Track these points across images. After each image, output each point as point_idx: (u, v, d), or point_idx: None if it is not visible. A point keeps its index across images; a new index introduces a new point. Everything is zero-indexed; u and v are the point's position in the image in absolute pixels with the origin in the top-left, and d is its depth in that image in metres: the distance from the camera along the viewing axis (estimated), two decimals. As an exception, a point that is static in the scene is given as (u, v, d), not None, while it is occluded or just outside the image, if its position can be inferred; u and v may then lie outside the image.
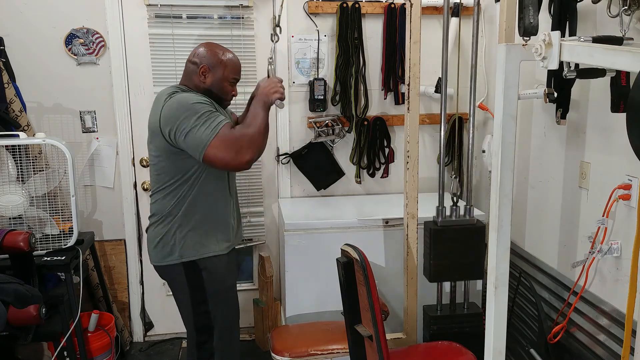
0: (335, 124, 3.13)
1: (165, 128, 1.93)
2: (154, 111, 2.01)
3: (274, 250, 3.30)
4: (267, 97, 2.03)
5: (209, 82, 2.07)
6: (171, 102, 1.95)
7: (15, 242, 2.23)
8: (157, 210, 2.09)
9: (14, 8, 2.83)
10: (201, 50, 2.09)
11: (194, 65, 2.08)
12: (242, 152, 1.90)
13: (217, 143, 1.88)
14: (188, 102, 1.93)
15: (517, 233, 2.73)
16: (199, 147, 1.89)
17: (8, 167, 2.54)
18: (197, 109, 1.91)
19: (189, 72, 2.09)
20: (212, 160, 1.91)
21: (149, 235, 2.14)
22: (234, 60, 2.12)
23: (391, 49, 3.07)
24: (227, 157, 1.90)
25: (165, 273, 2.15)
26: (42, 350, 2.99)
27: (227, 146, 1.89)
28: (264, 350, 3.13)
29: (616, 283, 1.98)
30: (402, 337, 2.62)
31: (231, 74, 2.10)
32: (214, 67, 2.06)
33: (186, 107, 1.91)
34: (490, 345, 1.73)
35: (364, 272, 1.86)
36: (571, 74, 1.61)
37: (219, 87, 2.09)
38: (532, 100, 2.53)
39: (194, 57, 2.09)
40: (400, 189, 3.17)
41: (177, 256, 2.05)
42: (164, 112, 1.94)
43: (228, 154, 1.89)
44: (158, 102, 2.01)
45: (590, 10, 2.03)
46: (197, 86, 2.08)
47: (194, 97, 1.96)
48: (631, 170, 1.88)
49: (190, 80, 2.09)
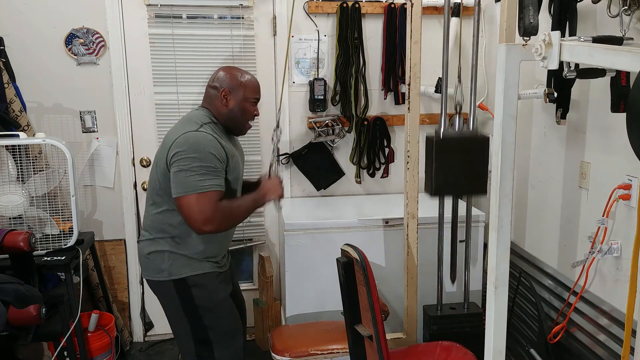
0: (335, 124, 3.13)
1: (172, 151, 1.93)
2: (176, 129, 2.00)
3: (274, 250, 3.30)
4: (268, 197, 2.12)
5: (231, 104, 2.08)
6: (195, 136, 1.93)
7: (15, 242, 2.23)
8: (150, 226, 2.07)
9: (14, 8, 2.83)
10: (221, 75, 2.10)
11: (214, 90, 2.09)
12: (210, 222, 1.90)
13: (197, 199, 1.88)
14: (207, 148, 1.92)
15: (517, 233, 2.73)
16: (180, 188, 1.89)
17: (8, 167, 2.54)
18: (208, 159, 1.91)
19: (211, 96, 2.10)
20: (181, 208, 1.91)
21: (140, 248, 2.11)
22: (252, 80, 2.14)
23: (391, 49, 3.07)
24: (194, 217, 1.89)
25: (155, 288, 2.12)
26: (42, 350, 2.99)
27: (202, 208, 1.88)
28: (264, 350, 3.13)
29: (616, 283, 1.98)
30: (402, 337, 2.62)
31: (251, 94, 2.12)
32: (234, 90, 2.08)
33: (200, 150, 1.91)
34: (490, 345, 1.73)
35: (364, 272, 1.86)
36: (571, 74, 1.61)
37: (240, 109, 2.10)
38: (532, 100, 2.53)
39: (213, 82, 2.10)
40: (400, 189, 3.18)
41: (167, 274, 2.02)
42: (181, 139, 1.93)
43: (198, 215, 1.88)
44: (184, 126, 1.99)
45: (590, 10, 2.03)
46: (218, 110, 2.08)
47: (215, 148, 1.94)
48: (631, 170, 1.88)
49: (212, 103, 2.10)
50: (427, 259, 2.63)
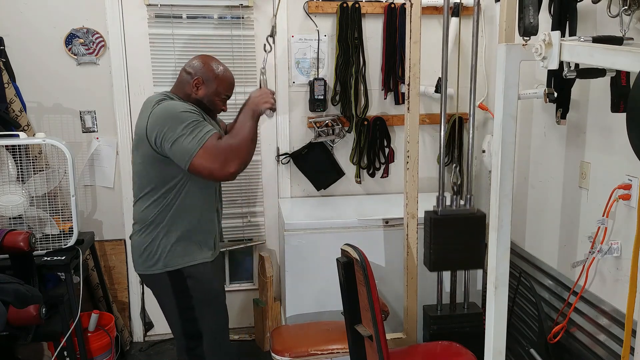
0: (335, 124, 3.13)
1: (151, 135, 1.91)
2: (141, 117, 1.99)
3: (274, 250, 3.30)
4: (257, 107, 2.02)
5: (200, 94, 2.05)
6: (159, 109, 1.93)
7: (15, 242, 2.23)
8: (140, 218, 2.05)
9: (14, 8, 2.83)
10: (197, 63, 2.07)
11: (188, 75, 2.06)
12: (228, 163, 1.88)
13: (203, 153, 1.86)
14: (176, 110, 1.91)
15: (517, 233, 2.73)
16: (185, 156, 1.87)
17: (8, 167, 2.54)
18: (184, 117, 1.89)
19: (182, 81, 2.08)
20: (198, 170, 1.89)
21: (133, 243, 2.10)
22: (228, 76, 2.11)
23: (391, 49, 3.07)
24: (213, 168, 1.88)
25: (150, 282, 2.11)
26: (42, 350, 2.99)
27: (213, 157, 1.87)
28: (264, 350, 3.13)
29: (616, 283, 1.98)
30: (402, 337, 2.62)
31: (224, 90, 2.10)
32: (207, 81, 2.05)
33: (173, 115, 1.89)
34: (490, 345, 1.73)
35: (364, 272, 1.86)
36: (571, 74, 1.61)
37: (209, 101, 2.08)
38: (532, 100, 2.53)
39: (189, 67, 2.07)
40: (400, 189, 3.17)
41: (162, 265, 2.02)
42: (151, 118, 1.92)
43: (214, 164, 1.87)
44: (146, 109, 1.99)
45: (590, 10, 2.03)
46: (187, 96, 2.06)
47: (182, 106, 1.94)
48: (631, 170, 1.88)
49: (182, 89, 2.07)
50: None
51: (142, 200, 2.03)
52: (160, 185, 1.99)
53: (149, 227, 2.03)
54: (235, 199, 3.19)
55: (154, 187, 1.99)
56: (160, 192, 1.99)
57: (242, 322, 3.37)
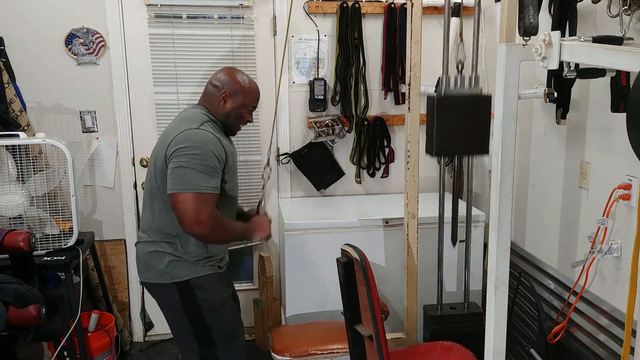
0: (335, 124, 3.13)
1: (172, 146, 1.91)
2: (175, 127, 1.98)
3: (274, 250, 3.30)
4: (256, 234, 2.10)
5: (228, 107, 2.07)
6: (198, 133, 1.93)
7: (15, 242, 2.23)
8: (149, 227, 2.05)
9: (14, 8, 2.83)
10: (223, 76, 2.09)
11: (214, 88, 2.08)
12: (202, 226, 1.87)
13: (194, 197, 1.86)
14: (208, 146, 1.91)
15: (517, 233, 2.73)
16: (177, 184, 1.87)
17: (8, 167, 2.55)
18: (207, 158, 1.89)
19: (209, 94, 2.09)
20: (174, 204, 1.89)
21: (139, 251, 2.08)
22: (254, 88, 2.14)
23: (391, 49, 3.07)
24: (187, 215, 1.86)
25: (154, 291, 2.10)
26: (42, 350, 2.99)
27: (196, 209, 1.86)
28: (264, 350, 3.13)
29: (616, 283, 1.98)
30: (402, 337, 2.62)
31: (251, 102, 2.12)
32: (234, 94, 2.07)
33: (202, 148, 1.90)
34: (490, 345, 1.73)
35: (364, 272, 1.86)
36: (571, 74, 1.61)
37: (236, 113, 2.09)
38: (532, 100, 2.53)
39: (216, 80, 2.09)
40: (400, 189, 3.17)
41: (169, 277, 2.01)
42: (183, 134, 1.92)
43: (192, 214, 1.86)
44: (184, 121, 1.99)
45: (590, 10, 2.03)
46: (215, 109, 2.08)
47: (215, 145, 1.93)
48: (631, 170, 1.88)
49: (210, 102, 2.09)
50: (427, 259, 2.63)
51: (152, 207, 2.03)
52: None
53: (158, 237, 2.02)
54: (235, 199, 3.19)
55: (165, 198, 1.97)
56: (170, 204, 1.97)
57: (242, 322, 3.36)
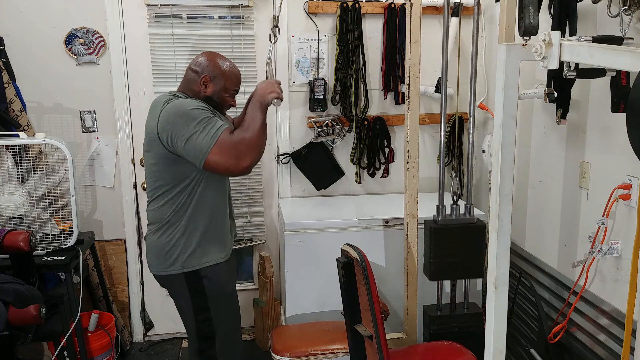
0: (335, 123, 3.13)
1: (163, 134, 1.91)
2: (151, 117, 1.99)
3: (274, 250, 3.30)
4: (264, 98, 2.00)
5: (209, 91, 2.05)
6: (169, 107, 1.92)
7: (15, 242, 2.23)
8: (156, 219, 2.06)
9: (14, 8, 2.83)
10: (203, 60, 2.07)
11: (194, 73, 2.06)
12: (243, 157, 1.88)
13: (217, 150, 1.86)
14: (186, 107, 1.90)
15: (517, 233, 2.73)
16: (199, 154, 1.87)
17: (8, 167, 2.55)
18: (195, 114, 1.88)
19: (189, 79, 2.07)
20: (213, 167, 1.89)
21: (149, 244, 2.10)
22: (235, 72, 2.11)
23: (391, 48, 3.07)
24: (228, 164, 1.88)
25: (166, 282, 2.13)
26: (42, 350, 2.99)
27: (227, 152, 1.86)
28: (264, 350, 3.13)
29: (616, 283, 1.98)
30: (402, 337, 2.62)
31: (232, 85, 2.10)
32: (215, 78, 2.05)
33: (184, 113, 1.89)
34: (490, 345, 1.73)
35: (364, 272, 1.86)
36: (571, 74, 1.61)
37: (219, 98, 2.08)
38: (532, 100, 2.53)
39: (195, 65, 2.07)
40: (400, 189, 3.17)
41: (179, 266, 2.03)
42: (161, 118, 1.91)
43: (229, 160, 1.87)
44: (155, 108, 1.98)
45: (590, 10, 2.03)
46: (196, 94, 2.06)
47: (192, 103, 1.93)
48: (631, 170, 1.88)
49: (190, 88, 2.07)
50: (427, 259, 2.63)
51: (157, 200, 2.04)
52: (174, 185, 1.99)
53: (164, 227, 2.03)
54: (235, 199, 3.18)
55: (169, 187, 1.99)
56: (174, 191, 1.99)
57: (242, 322, 3.34)
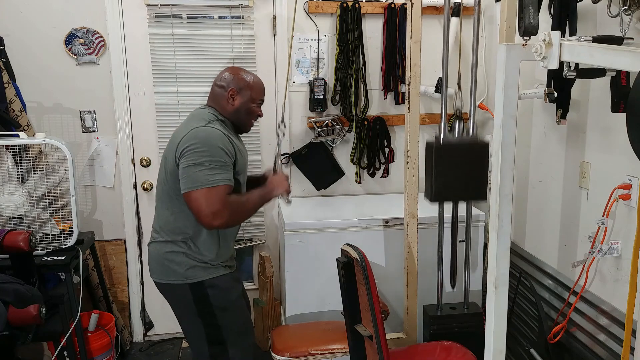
0: (335, 123, 3.13)
1: (181, 146, 1.94)
2: (184, 127, 2.02)
3: (274, 250, 3.30)
4: (275, 193, 2.14)
5: (237, 104, 2.10)
6: (205, 130, 1.96)
7: (15, 242, 2.23)
8: (163, 228, 2.06)
9: (14, 8, 2.83)
10: (227, 75, 2.12)
11: (221, 88, 2.11)
12: (219, 217, 1.90)
13: (206, 193, 1.88)
14: (215, 142, 1.94)
15: (517, 233, 2.73)
16: (189, 183, 1.89)
17: (8, 167, 2.54)
18: (216, 153, 1.92)
19: (217, 95, 2.12)
20: (190, 202, 1.92)
21: (153, 251, 2.10)
22: (259, 82, 2.17)
23: (391, 48, 3.07)
24: (203, 212, 1.89)
25: (166, 291, 2.11)
26: (42, 350, 2.99)
27: (211, 203, 1.88)
28: (264, 350, 3.13)
29: (616, 283, 1.98)
30: (402, 337, 2.62)
31: (258, 95, 2.14)
32: (241, 90, 2.10)
33: (210, 145, 1.92)
34: (490, 345, 1.73)
35: (364, 272, 1.86)
36: (571, 74, 1.61)
37: (246, 109, 2.12)
38: (532, 100, 2.53)
39: (220, 81, 2.12)
40: (400, 189, 3.17)
41: (183, 277, 2.02)
42: (191, 133, 1.95)
43: (207, 209, 1.89)
44: (192, 121, 2.02)
45: (590, 10, 2.03)
46: (224, 108, 2.10)
47: (222, 141, 1.96)
48: (631, 170, 1.88)
49: (218, 103, 2.11)
50: (427, 259, 2.63)
51: (168, 208, 2.05)
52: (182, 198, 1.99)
53: (172, 237, 2.04)
54: (235, 199, 3.19)
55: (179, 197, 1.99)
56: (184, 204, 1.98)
57: (242, 322, 3.37)
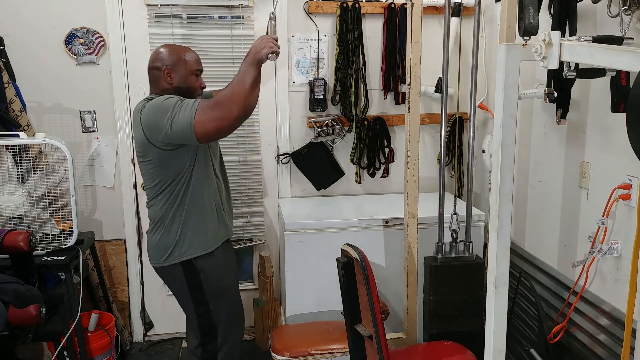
0: (335, 123, 3.13)
1: (151, 136, 1.97)
2: (135, 125, 2.06)
3: (274, 250, 3.30)
4: (257, 54, 1.97)
5: (175, 80, 2.10)
6: (146, 110, 1.99)
7: (15, 242, 2.23)
8: (156, 215, 2.13)
9: (14, 8, 2.83)
10: (159, 54, 2.12)
11: (156, 70, 2.11)
12: (228, 110, 1.88)
13: (200, 115, 1.88)
14: (159, 101, 1.97)
15: (517, 233, 2.73)
16: (187, 128, 1.90)
17: (8, 167, 2.54)
18: (168, 103, 1.94)
19: (154, 78, 2.13)
20: (204, 132, 1.90)
21: (150, 239, 2.18)
22: (191, 53, 2.16)
23: (391, 48, 3.07)
24: (217, 120, 1.88)
25: (165, 274, 2.20)
26: (42, 350, 2.99)
27: (210, 112, 1.88)
28: (264, 350, 3.13)
29: (616, 283, 1.98)
30: (402, 337, 2.61)
31: (193, 65, 2.14)
32: (175, 65, 2.10)
33: (158, 106, 1.95)
34: (490, 345, 1.73)
35: (364, 272, 1.86)
36: (571, 73, 1.61)
37: (185, 83, 2.12)
38: (532, 100, 2.53)
39: (153, 62, 2.12)
40: (400, 189, 3.17)
41: (177, 255, 2.10)
42: (143, 122, 1.98)
43: (215, 118, 1.88)
44: (135, 117, 2.06)
45: (590, 10, 2.03)
46: (165, 89, 2.11)
47: (162, 97, 2.00)
48: (631, 170, 1.88)
49: (158, 86, 2.12)
50: (427, 259, 2.63)
51: (156, 199, 2.10)
52: (169, 181, 2.06)
53: (164, 222, 2.11)
54: (235, 199, 3.18)
55: (166, 184, 2.07)
56: (170, 186, 2.07)
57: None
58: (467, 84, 2.50)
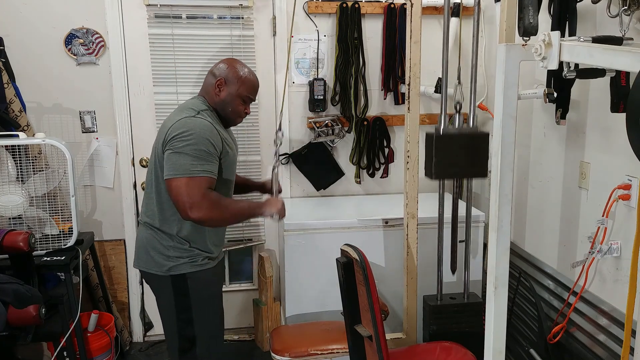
0: (335, 124, 3.13)
1: (169, 135, 1.93)
2: (173, 115, 2.01)
3: (274, 250, 3.30)
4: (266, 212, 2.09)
5: (222, 95, 2.06)
6: (194, 120, 1.94)
7: (15, 242, 2.23)
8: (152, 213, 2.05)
9: (13, 8, 2.83)
10: (222, 64, 2.09)
11: (212, 77, 2.08)
12: (195, 209, 1.87)
13: (187, 182, 1.87)
14: (203, 132, 1.92)
15: (517, 233, 2.73)
16: (172, 170, 1.88)
17: (8, 167, 2.54)
18: (201, 143, 1.90)
19: (207, 83, 2.10)
20: (169, 190, 1.91)
21: (141, 234, 2.10)
22: (251, 78, 2.11)
23: (391, 49, 3.07)
24: (181, 201, 1.87)
25: (149, 279, 2.12)
26: (42, 350, 2.99)
27: (188, 193, 1.86)
28: (264, 350, 3.13)
29: (616, 283, 1.98)
30: (402, 337, 2.62)
31: (246, 91, 2.09)
32: (230, 82, 2.06)
33: (196, 134, 1.90)
34: (490, 345, 1.73)
35: (364, 272, 1.86)
36: (571, 74, 1.61)
37: (231, 103, 2.07)
38: (532, 100, 2.53)
39: (214, 69, 2.09)
40: (400, 189, 3.17)
41: (166, 270, 2.02)
42: (179, 122, 1.94)
43: (184, 199, 1.86)
44: (184, 109, 2.01)
45: (590, 10, 2.03)
46: (212, 98, 2.08)
47: (210, 132, 1.94)
48: (631, 170, 1.88)
49: (207, 91, 2.09)
50: (427, 259, 2.63)
51: (154, 198, 2.03)
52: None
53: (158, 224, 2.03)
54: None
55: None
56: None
57: (241, 322, 3.37)
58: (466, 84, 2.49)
